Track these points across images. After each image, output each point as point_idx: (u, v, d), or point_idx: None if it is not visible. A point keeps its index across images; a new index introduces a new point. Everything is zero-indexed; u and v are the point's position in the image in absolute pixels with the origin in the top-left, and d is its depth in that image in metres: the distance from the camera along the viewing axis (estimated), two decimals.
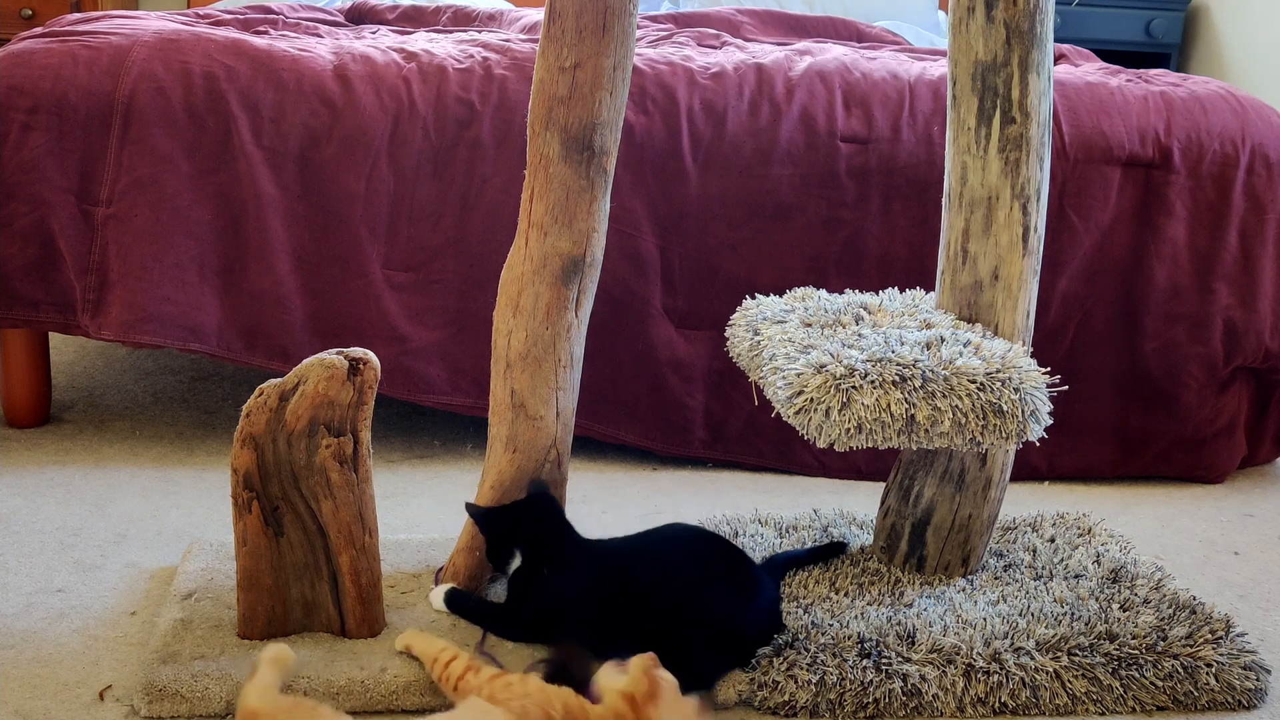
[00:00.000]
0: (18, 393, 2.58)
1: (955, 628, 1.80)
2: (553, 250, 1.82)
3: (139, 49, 2.48)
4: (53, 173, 2.40)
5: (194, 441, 2.59)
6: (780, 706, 1.69)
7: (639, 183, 2.49)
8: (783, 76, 2.60)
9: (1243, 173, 2.59)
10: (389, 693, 1.65)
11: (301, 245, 2.45)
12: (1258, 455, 2.72)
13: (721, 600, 1.74)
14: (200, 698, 1.62)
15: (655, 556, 1.80)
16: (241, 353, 2.45)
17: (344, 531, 1.71)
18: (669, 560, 1.78)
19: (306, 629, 1.76)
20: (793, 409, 1.71)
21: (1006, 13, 1.84)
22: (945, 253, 1.96)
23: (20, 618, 1.84)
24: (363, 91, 2.47)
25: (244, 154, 2.42)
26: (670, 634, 1.68)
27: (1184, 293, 2.58)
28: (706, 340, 2.55)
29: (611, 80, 1.79)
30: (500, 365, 1.86)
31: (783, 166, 2.51)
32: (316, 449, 1.68)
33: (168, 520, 2.20)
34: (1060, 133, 2.55)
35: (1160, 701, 1.74)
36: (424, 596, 1.87)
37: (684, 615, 1.70)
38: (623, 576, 1.76)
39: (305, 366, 1.69)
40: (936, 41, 3.80)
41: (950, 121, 1.93)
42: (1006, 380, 1.72)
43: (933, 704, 1.70)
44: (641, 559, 1.79)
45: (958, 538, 1.98)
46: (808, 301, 2.05)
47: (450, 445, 2.63)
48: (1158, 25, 4.54)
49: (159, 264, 2.40)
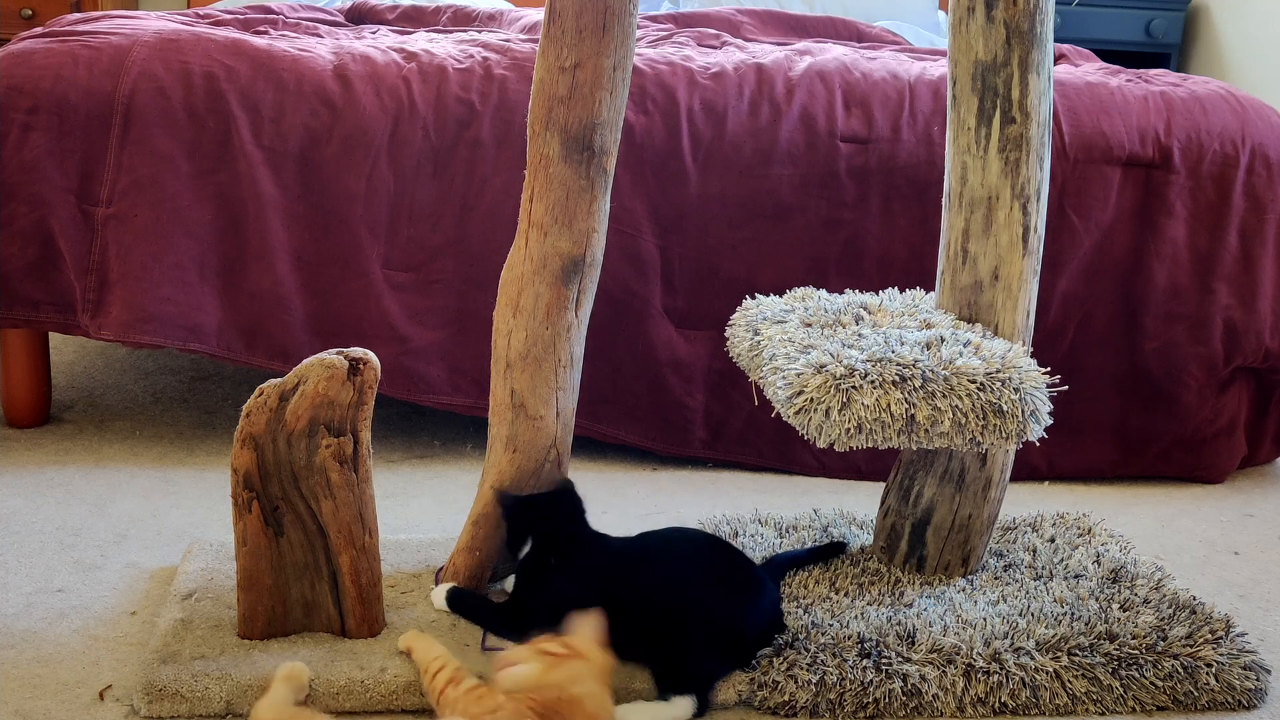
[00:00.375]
0: (18, 393, 2.58)
1: (955, 628, 1.80)
2: (553, 250, 1.82)
3: (139, 49, 2.48)
4: (53, 173, 2.40)
5: (194, 441, 2.59)
6: (780, 706, 1.69)
7: (639, 183, 2.49)
8: (783, 76, 2.60)
9: (1243, 173, 2.59)
10: (389, 693, 1.65)
11: (301, 245, 2.46)
12: (1258, 455, 2.72)
13: (724, 602, 1.74)
14: (200, 698, 1.62)
15: (658, 558, 1.80)
16: (241, 353, 2.45)
17: (344, 531, 1.71)
18: (672, 562, 1.78)
19: (306, 629, 1.76)
20: (793, 409, 1.71)
21: (1006, 13, 1.84)
22: (945, 253, 1.96)
23: (20, 618, 1.84)
24: (363, 91, 2.47)
25: (244, 154, 2.42)
26: (672, 635, 1.68)
27: (1184, 293, 2.58)
28: (706, 340, 2.55)
29: (611, 80, 1.79)
30: (500, 365, 1.86)
31: (783, 166, 2.51)
32: (316, 449, 1.68)
33: (168, 520, 2.20)
34: (1060, 133, 2.55)
35: (1160, 701, 1.74)
36: (424, 596, 1.87)
37: (686, 616, 1.70)
38: (625, 578, 1.76)
39: (305, 366, 1.69)
40: (936, 41, 3.80)
41: (950, 121, 1.93)
42: (1006, 380, 1.72)
43: (933, 704, 1.70)
44: (645, 560, 1.79)
45: (958, 538, 1.98)
46: (808, 301, 2.05)
47: (450, 445, 2.63)
48: (1158, 25, 4.54)
49: (159, 264, 2.40)
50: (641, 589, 1.74)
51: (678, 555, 1.80)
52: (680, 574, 1.76)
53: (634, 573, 1.77)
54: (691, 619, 1.70)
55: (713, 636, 1.70)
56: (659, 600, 1.72)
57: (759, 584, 1.79)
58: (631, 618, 1.70)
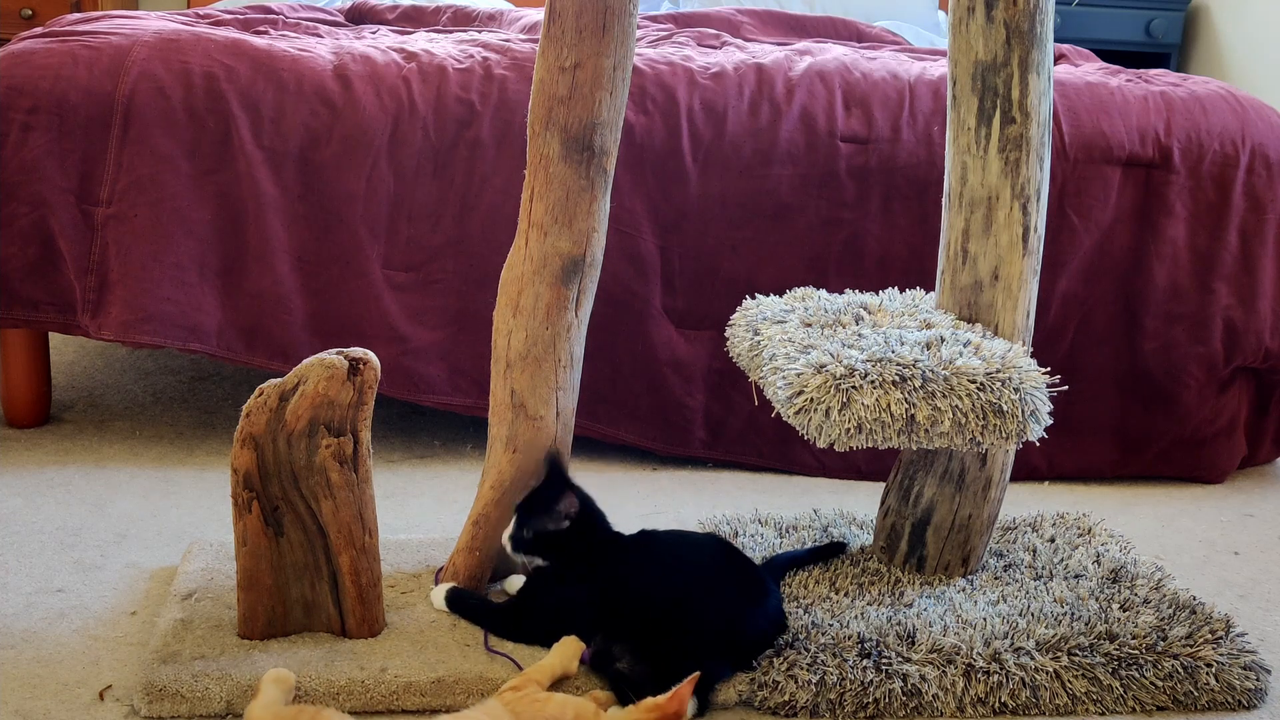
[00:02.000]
0: (18, 393, 2.58)
1: (955, 628, 1.80)
2: (553, 250, 1.82)
3: (139, 49, 2.48)
4: (53, 173, 2.40)
5: (194, 441, 2.59)
6: (780, 706, 1.69)
7: (639, 183, 2.49)
8: (783, 76, 2.60)
9: (1243, 173, 2.59)
10: (389, 693, 1.65)
11: (301, 245, 2.45)
12: (1258, 455, 2.72)
13: (726, 605, 1.74)
14: (200, 698, 1.62)
15: (662, 561, 1.80)
16: (241, 353, 2.45)
17: (344, 531, 1.71)
18: (675, 565, 1.79)
19: (306, 629, 1.76)
20: (793, 409, 1.71)
21: (1006, 13, 1.84)
22: (945, 253, 1.96)
23: (20, 618, 1.84)
24: (363, 91, 2.47)
25: (244, 154, 2.42)
26: (673, 636, 1.68)
27: (1184, 293, 2.58)
28: (706, 340, 2.55)
29: (611, 80, 1.79)
30: (500, 365, 1.86)
31: (783, 166, 2.51)
32: (316, 449, 1.68)
33: (168, 520, 2.20)
34: (1060, 133, 2.55)
35: (1160, 701, 1.74)
36: (424, 596, 1.87)
37: (689, 618, 1.70)
38: (629, 582, 1.76)
39: (305, 366, 1.69)
40: (936, 41, 3.80)
41: (950, 121, 1.93)
42: (1006, 380, 1.72)
43: (933, 704, 1.70)
44: (649, 564, 1.79)
45: (958, 538, 1.98)
46: (808, 301, 2.05)
47: (450, 445, 2.63)
48: (1158, 25, 4.54)
49: (159, 264, 2.40)
50: (645, 593, 1.74)
51: (681, 558, 1.80)
52: (683, 577, 1.76)
53: (637, 576, 1.76)
54: (694, 621, 1.70)
55: (714, 638, 1.70)
56: (661, 603, 1.72)
57: (761, 586, 1.79)
58: (634, 621, 1.70)
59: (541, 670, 1.63)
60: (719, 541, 1.87)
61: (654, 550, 1.82)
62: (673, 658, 1.65)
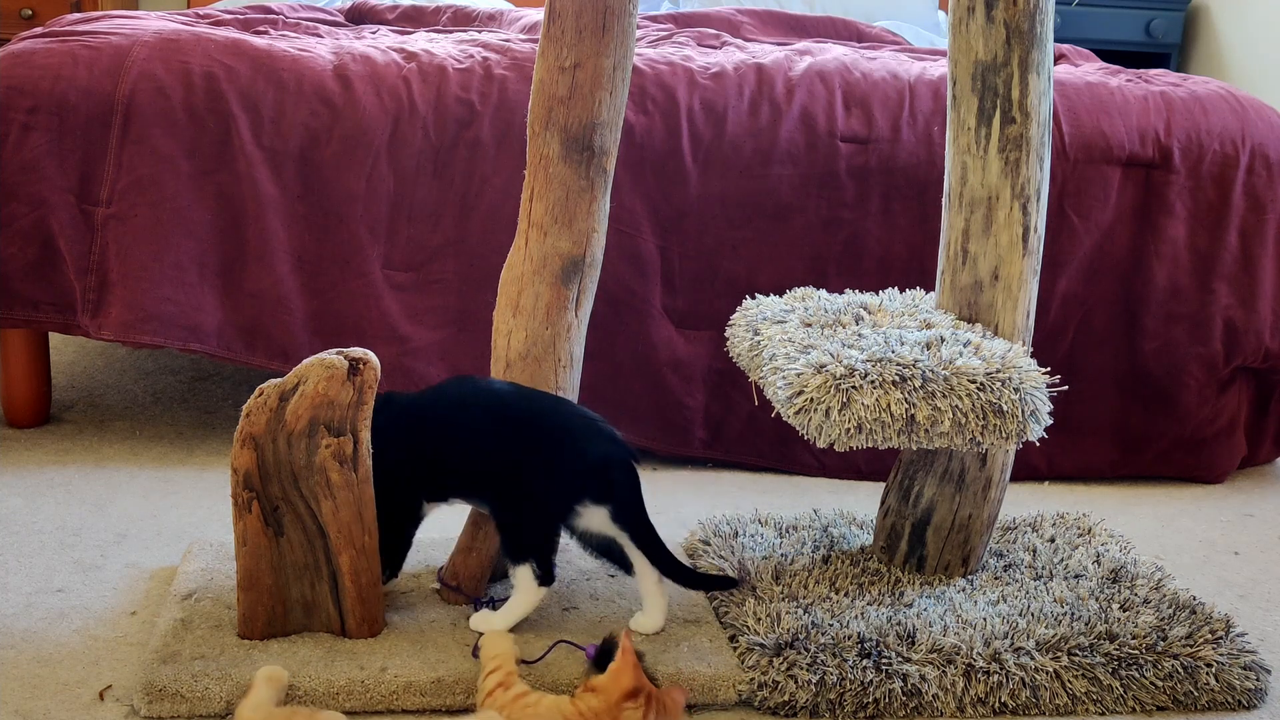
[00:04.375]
0: (18, 393, 2.58)
1: (955, 628, 1.80)
2: (553, 250, 1.82)
3: (139, 49, 2.48)
4: (53, 173, 2.40)
5: (194, 441, 2.59)
6: (780, 706, 1.69)
7: (639, 183, 2.49)
8: (783, 76, 2.60)
9: (1243, 173, 2.59)
10: (389, 693, 1.65)
11: (301, 245, 2.46)
12: (1258, 455, 2.72)
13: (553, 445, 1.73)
14: (200, 698, 1.62)
15: (463, 407, 1.78)
16: (241, 353, 2.45)
17: (344, 531, 1.71)
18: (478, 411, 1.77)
19: (306, 629, 1.76)
20: (793, 409, 1.71)
21: (1006, 13, 1.84)
22: (945, 253, 1.96)
23: (20, 618, 1.84)
24: (363, 91, 2.47)
25: (244, 154, 2.42)
26: (507, 494, 1.72)
27: (1184, 293, 2.58)
28: (706, 340, 2.55)
29: (611, 80, 1.79)
30: (500, 365, 1.86)
31: (783, 166, 2.51)
32: (316, 449, 1.68)
33: (168, 520, 2.20)
34: (1060, 133, 2.55)
35: (1160, 701, 1.74)
36: (424, 596, 1.87)
37: (519, 469, 1.71)
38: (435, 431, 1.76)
39: (305, 366, 1.69)
40: (936, 41, 3.80)
41: (950, 121, 1.93)
42: (1006, 380, 1.72)
43: (933, 704, 1.70)
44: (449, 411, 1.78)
45: (958, 538, 1.98)
46: (808, 301, 2.05)
47: None
48: (1158, 25, 4.55)
49: (159, 264, 2.40)
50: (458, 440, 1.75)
51: (487, 408, 1.77)
52: (498, 425, 1.74)
53: (444, 426, 1.76)
54: (524, 470, 1.71)
55: (548, 484, 1.71)
56: (479, 448, 1.73)
57: (579, 418, 1.76)
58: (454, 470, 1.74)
59: (506, 664, 1.62)
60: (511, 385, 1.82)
61: (453, 400, 1.80)
62: (508, 524, 1.71)
